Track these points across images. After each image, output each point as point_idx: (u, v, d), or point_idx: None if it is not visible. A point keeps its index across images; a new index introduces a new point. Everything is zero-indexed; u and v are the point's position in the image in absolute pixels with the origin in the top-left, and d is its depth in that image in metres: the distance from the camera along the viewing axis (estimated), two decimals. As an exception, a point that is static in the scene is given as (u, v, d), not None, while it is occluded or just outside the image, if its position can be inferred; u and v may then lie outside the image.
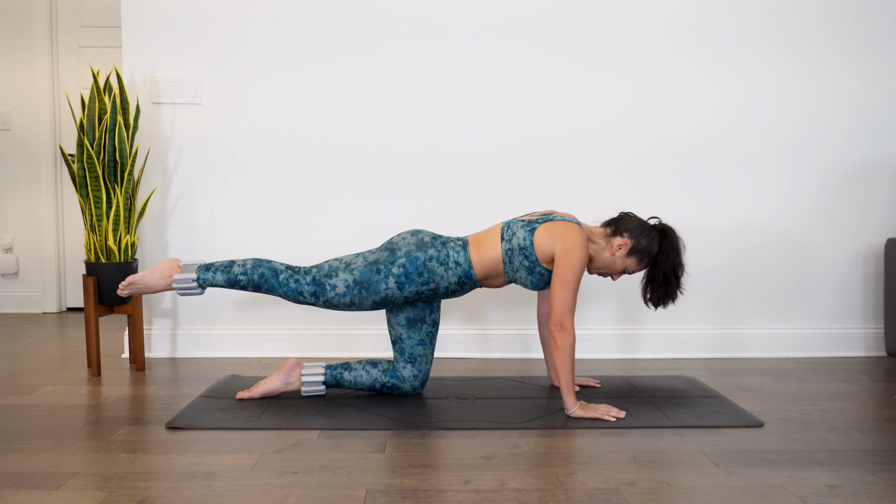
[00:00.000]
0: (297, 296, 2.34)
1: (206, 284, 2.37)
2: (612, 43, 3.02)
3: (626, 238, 2.33)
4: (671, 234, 2.35)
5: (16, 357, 3.05)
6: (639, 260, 2.34)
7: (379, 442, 2.01)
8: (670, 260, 2.32)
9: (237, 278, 2.35)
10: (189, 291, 2.38)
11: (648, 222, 2.38)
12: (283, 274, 2.34)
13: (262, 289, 2.36)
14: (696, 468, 1.82)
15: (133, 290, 2.41)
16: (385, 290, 2.29)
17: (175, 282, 2.37)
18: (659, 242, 2.34)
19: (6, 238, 4.20)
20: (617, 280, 2.54)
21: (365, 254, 2.36)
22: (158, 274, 2.39)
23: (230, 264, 2.37)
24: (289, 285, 2.33)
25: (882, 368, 2.92)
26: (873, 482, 1.74)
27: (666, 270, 2.32)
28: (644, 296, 2.39)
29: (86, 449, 1.94)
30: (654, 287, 2.35)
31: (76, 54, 4.16)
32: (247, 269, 2.35)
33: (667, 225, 2.37)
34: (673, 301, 2.36)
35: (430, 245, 2.33)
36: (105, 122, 2.75)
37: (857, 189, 3.12)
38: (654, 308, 2.39)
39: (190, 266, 2.39)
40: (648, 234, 2.33)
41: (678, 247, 2.34)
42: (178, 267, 2.40)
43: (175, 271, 2.39)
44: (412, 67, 3.02)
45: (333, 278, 2.31)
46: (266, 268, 2.35)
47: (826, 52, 3.06)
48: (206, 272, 2.36)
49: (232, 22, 2.99)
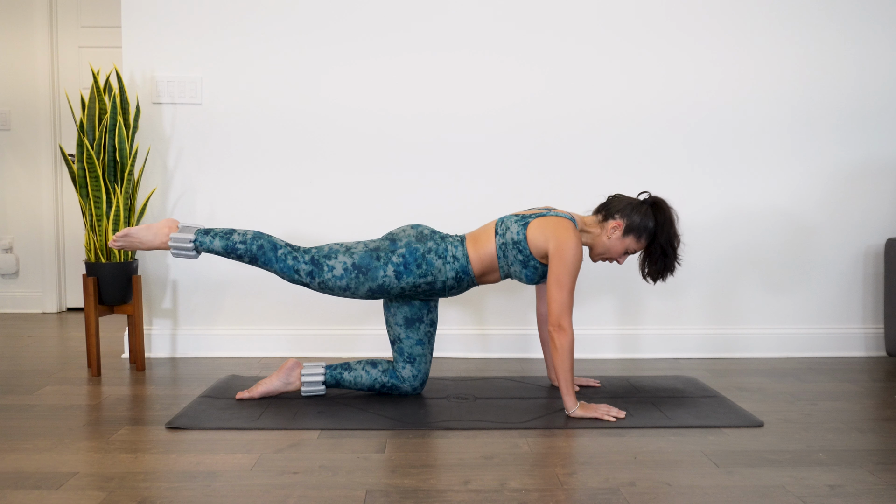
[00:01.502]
0: (292, 273, 2.31)
1: (203, 248, 2.33)
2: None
3: (619, 219, 2.31)
4: (663, 206, 2.32)
5: (16, 357, 3.05)
6: (637, 237, 2.32)
7: (379, 442, 2.01)
8: (666, 232, 2.30)
9: (235, 246, 2.32)
10: (184, 253, 2.35)
11: (638, 198, 2.36)
12: (281, 249, 2.32)
13: (257, 261, 2.32)
14: (696, 468, 1.82)
15: (126, 243, 2.36)
16: (383, 277, 2.28)
17: (171, 240, 2.33)
18: (653, 216, 2.31)
19: (6, 238, 4.20)
20: (623, 263, 2.51)
21: (366, 241, 2.36)
22: (156, 230, 2.36)
23: (230, 232, 2.34)
24: (286, 262, 2.31)
25: (882, 368, 2.92)
26: (873, 482, 1.74)
27: (662, 243, 2.30)
28: (642, 270, 2.37)
29: (86, 449, 1.94)
30: (651, 261, 2.33)
31: (76, 54, 4.16)
32: (246, 239, 2.32)
33: (657, 197, 2.34)
34: (671, 273, 2.34)
35: (430, 238, 2.33)
36: (105, 122, 2.75)
37: (857, 189, 3.12)
38: (654, 282, 2.36)
39: (189, 228, 2.36)
40: (639, 209, 2.31)
41: (672, 217, 2.31)
42: (178, 227, 2.37)
43: (173, 230, 2.36)
44: (413, 54, 3.02)
45: (332, 260, 2.30)
46: (266, 240, 2.33)
47: (826, 49, 3.07)
48: (204, 235, 2.33)
49: (232, 22, 2.99)
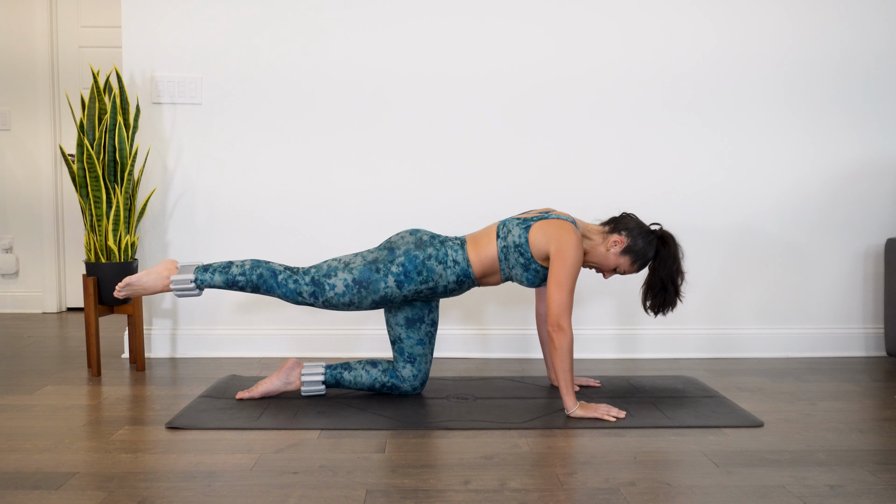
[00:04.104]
0: (295, 296, 2.33)
1: (204, 286, 2.36)
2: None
3: (623, 236, 2.33)
4: (670, 241, 2.33)
5: (16, 357, 3.04)
6: (632, 261, 2.34)
7: (379, 442, 2.01)
8: (668, 267, 2.31)
9: (235, 279, 2.34)
10: (187, 293, 2.37)
11: (650, 226, 2.38)
12: (281, 275, 2.33)
13: (260, 290, 2.34)
14: (696, 468, 1.82)
15: (130, 292, 2.39)
16: (384, 288, 2.29)
17: (172, 283, 2.35)
18: (656, 248, 2.33)
19: (6, 238, 4.20)
20: (608, 279, 2.53)
21: (363, 253, 2.36)
22: (155, 275, 2.38)
23: (228, 265, 2.36)
24: (287, 286, 2.32)
25: (882, 368, 2.92)
26: (873, 482, 1.74)
27: (663, 277, 2.32)
28: (644, 303, 2.39)
29: (86, 449, 1.94)
30: (653, 294, 2.35)
31: (76, 54, 4.16)
32: (245, 270, 2.34)
33: (667, 231, 2.36)
34: (672, 309, 2.37)
35: (429, 244, 2.33)
36: (105, 122, 2.75)
37: (857, 189, 3.11)
38: (654, 315, 2.39)
39: (187, 267, 2.37)
40: (646, 237, 2.33)
41: (676, 254, 2.32)
42: (176, 268, 2.39)
43: (172, 272, 2.38)
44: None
45: (332, 278, 2.30)
46: (265, 268, 2.34)
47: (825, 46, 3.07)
48: (203, 273, 2.35)
49: (232, 22, 2.99)
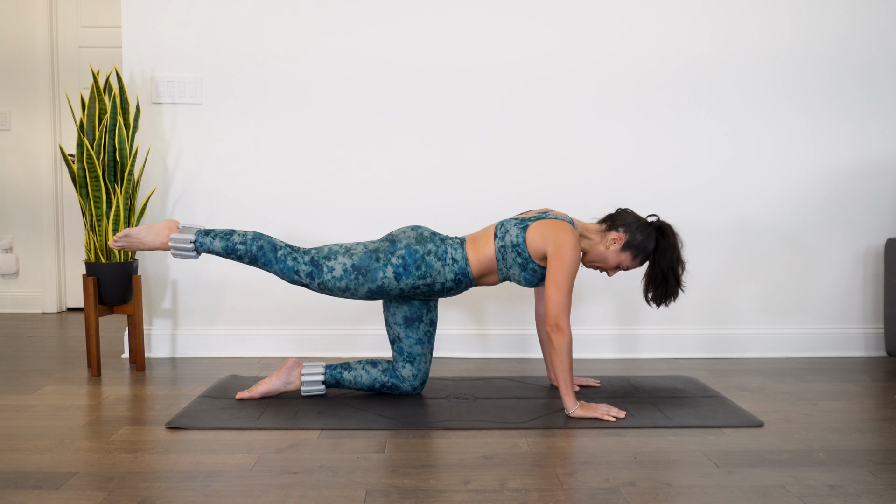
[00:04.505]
0: (292, 274, 2.32)
1: (203, 249, 2.34)
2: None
3: (621, 232, 2.33)
4: (669, 232, 2.33)
5: (16, 357, 3.04)
6: (633, 255, 2.34)
7: (379, 442, 2.01)
8: (668, 258, 2.31)
9: (235, 247, 2.33)
10: (184, 253, 2.36)
11: (646, 219, 2.38)
12: (281, 250, 2.33)
13: (258, 262, 2.34)
14: (696, 468, 1.82)
15: (126, 243, 2.37)
16: (382, 278, 2.29)
17: (171, 241, 2.34)
18: (656, 240, 2.33)
19: (6, 238, 4.20)
20: (612, 276, 2.53)
21: (366, 242, 2.36)
22: (156, 231, 2.37)
23: (230, 233, 2.35)
24: (286, 262, 2.32)
25: (882, 368, 2.92)
26: (873, 482, 1.74)
27: (664, 269, 2.32)
28: (645, 295, 2.38)
29: (86, 449, 1.94)
30: (654, 285, 2.35)
31: (76, 54, 4.16)
32: (246, 240, 2.33)
33: (665, 222, 2.36)
34: (674, 299, 2.36)
35: (430, 240, 2.34)
36: (105, 122, 2.75)
37: (857, 189, 3.11)
38: (657, 306, 2.38)
39: (189, 228, 2.37)
40: (644, 230, 2.33)
41: (676, 244, 2.32)
42: (178, 228, 2.38)
43: (173, 231, 2.37)
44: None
45: (332, 261, 2.30)
46: (266, 241, 2.34)
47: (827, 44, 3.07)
48: (204, 237, 2.34)
49: (232, 21, 2.99)
